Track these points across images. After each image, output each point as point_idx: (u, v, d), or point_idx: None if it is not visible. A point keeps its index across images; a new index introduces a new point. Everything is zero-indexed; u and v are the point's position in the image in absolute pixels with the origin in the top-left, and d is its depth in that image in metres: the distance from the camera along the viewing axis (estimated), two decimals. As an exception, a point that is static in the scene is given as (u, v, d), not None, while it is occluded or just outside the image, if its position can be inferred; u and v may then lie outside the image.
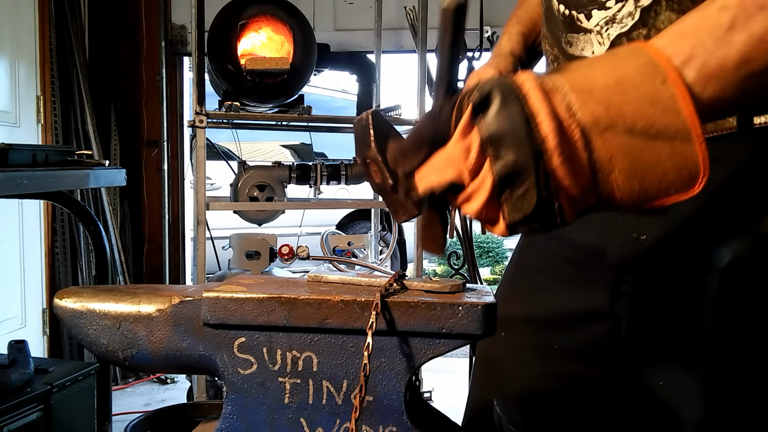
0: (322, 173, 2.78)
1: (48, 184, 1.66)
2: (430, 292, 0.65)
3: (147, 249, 3.88)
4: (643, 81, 0.53)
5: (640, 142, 0.53)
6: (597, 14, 0.77)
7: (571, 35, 0.81)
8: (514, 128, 0.53)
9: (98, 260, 2.17)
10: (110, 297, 0.69)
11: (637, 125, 0.53)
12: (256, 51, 2.55)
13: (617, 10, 0.75)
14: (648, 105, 0.53)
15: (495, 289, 0.86)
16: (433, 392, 3.00)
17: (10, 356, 1.96)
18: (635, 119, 0.53)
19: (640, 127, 0.53)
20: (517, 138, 0.53)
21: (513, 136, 0.53)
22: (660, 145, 0.53)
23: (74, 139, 3.37)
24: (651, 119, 0.53)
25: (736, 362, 0.74)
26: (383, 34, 3.36)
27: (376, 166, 0.65)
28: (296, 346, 0.64)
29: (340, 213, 5.48)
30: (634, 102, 0.53)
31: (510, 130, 0.53)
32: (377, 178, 0.65)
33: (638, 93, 0.53)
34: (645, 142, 0.53)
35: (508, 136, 0.53)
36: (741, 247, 0.72)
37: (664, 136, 0.53)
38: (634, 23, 0.74)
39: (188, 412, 0.85)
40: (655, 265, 0.79)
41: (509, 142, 0.53)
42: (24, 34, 3.12)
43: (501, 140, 0.53)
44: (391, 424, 0.63)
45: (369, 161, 0.65)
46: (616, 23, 0.76)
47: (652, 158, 0.53)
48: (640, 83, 0.53)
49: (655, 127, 0.53)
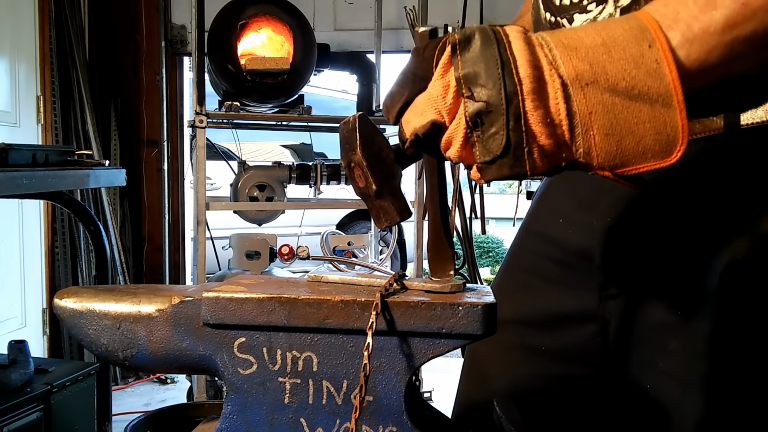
0: (322, 173, 2.78)
1: (48, 184, 1.66)
2: (430, 292, 0.65)
3: (147, 249, 3.88)
4: (629, 43, 0.54)
5: (622, 101, 0.53)
6: (579, 18, 0.77)
7: None
8: (489, 67, 0.53)
9: (98, 260, 2.17)
10: (110, 297, 0.69)
11: (620, 84, 0.53)
12: (256, 51, 2.55)
13: (598, 13, 0.75)
14: (632, 66, 0.53)
15: (488, 290, 0.86)
16: (433, 392, 3.00)
17: (10, 356, 1.96)
18: (618, 78, 0.53)
19: (623, 87, 0.53)
20: (492, 77, 0.53)
21: (488, 75, 0.53)
22: (641, 107, 0.53)
23: (74, 139, 3.37)
24: (634, 80, 0.53)
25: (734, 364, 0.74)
26: (383, 34, 3.36)
27: (360, 170, 0.65)
28: (296, 346, 0.64)
29: (340, 213, 5.48)
30: (619, 62, 0.53)
31: (485, 69, 0.53)
32: (361, 183, 0.65)
33: (624, 54, 0.53)
34: (626, 101, 0.53)
35: (482, 75, 0.53)
36: (734, 248, 0.72)
37: (645, 98, 0.53)
38: None
39: (188, 412, 0.85)
40: (644, 267, 0.80)
41: (483, 81, 0.53)
42: (24, 34, 3.12)
43: (476, 78, 0.53)
44: (391, 424, 0.63)
45: (353, 165, 0.65)
46: None
47: (631, 119, 0.53)
48: (627, 45, 0.54)
49: (637, 88, 0.53)
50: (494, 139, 0.54)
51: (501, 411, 0.79)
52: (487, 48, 0.54)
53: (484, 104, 0.53)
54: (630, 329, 0.81)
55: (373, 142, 0.65)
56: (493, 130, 0.53)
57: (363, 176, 0.64)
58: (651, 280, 0.79)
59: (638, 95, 0.53)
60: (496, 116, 0.53)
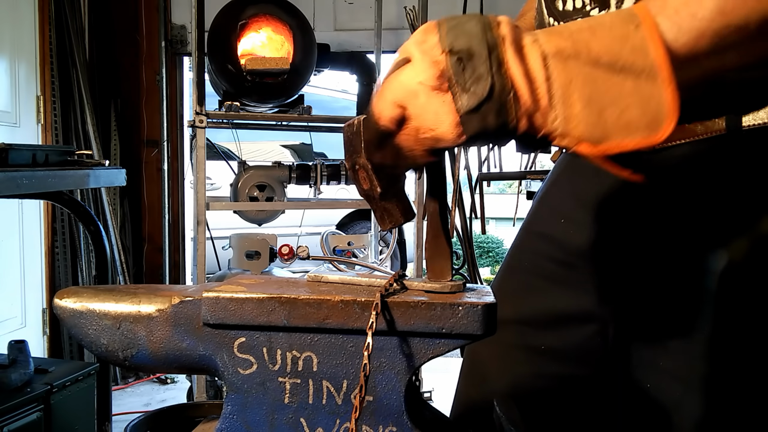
0: (322, 173, 2.78)
1: (48, 184, 1.66)
2: (430, 292, 0.65)
3: (147, 249, 3.88)
4: (616, 24, 0.54)
5: (604, 73, 0.53)
6: None
7: None
8: (471, 26, 0.54)
9: (98, 260, 2.17)
10: (110, 297, 0.69)
11: (603, 58, 0.53)
12: (256, 51, 2.55)
13: None
14: (617, 43, 0.53)
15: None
16: (433, 392, 3.00)
17: (10, 356, 1.96)
18: (601, 53, 0.53)
19: (606, 60, 0.53)
20: (473, 30, 0.54)
21: (469, 29, 0.54)
22: (624, 79, 0.52)
23: (74, 139, 3.37)
24: (617, 55, 0.53)
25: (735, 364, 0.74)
26: (383, 34, 3.36)
27: (365, 173, 0.65)
28: (296, 346, 0.64)
29: (340, 213, 5.48)
30: (603, 39, 0.53)
31: (467, 26, 0.54)
32: (365, 185, 0.66)
33: (610, 33, 0.53)
34: (609, 74, 0.53)
35: (464, 30, 0.54)
36: (734, 248, 0.72)
37: (629, 71, 0.52)
38: None
39: (188, 412, 0.85)
40: (644, 268, 0.80)
41: (465, 34, 0.54)
42: (24, 34, 3.12)
43: (457, 33, 0.54)
44: (391, 424, 0.63)
45: (358, 167, 0.65)
46: None
47: (614, 90, 0.53)
48: (613, 26, 0.54)
49: (620, 62, 0.52)
50: (479, 82, 0.53)
51: (501, 411, 0.79)
52: (471, 18, 0.55)
53: (465, 51, 0.53)
54: (630, 329, 0.82)
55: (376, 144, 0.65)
56: (478, 73, 0.53)
57: (368, 179, 0.65)
58: (651, 280, 0.79)
59: (622, 69, 0.53)
60: (479, 61, 0.53)
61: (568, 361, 0.89)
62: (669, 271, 0.77)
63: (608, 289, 0.83)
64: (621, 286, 0.82)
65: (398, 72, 0.58)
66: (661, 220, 0.78)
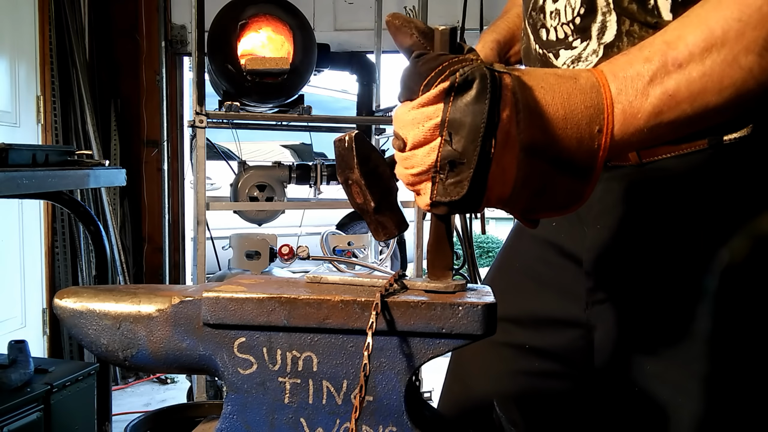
0: (322, 173, 2.78)
1: (48, 184, 1.67)
2: (430, 292, 0.65)
3: (147, 249, 3.88)
4: (584, 123, 0.59)
5: (555, 171, 0.60)
6: (564, 54, 0.80)
7: None
8: (475, 123, 0.56)
9: (98, 260, 2.17)
10: (110, 297, 0.69)
11: (561, 157, 0.59)
12: (256, 51, 2.55)
13: (582, 49, 0.78)
14: (577, 144, 0.59)
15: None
16: (433, 392, 3.01)
17: (10, 356, 1.96)
18: (562, 151, 0.59)
19: (563, 160, 0.60)
20: (473, 133, 0.56)
21: (470, 129, 0.56)
22: (566, 179, 0.60)
23: (74, 139, 3.37)
24: (573, 157, 0.60)
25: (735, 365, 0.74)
26: (383, 34, 3.36)
27: (358, 188, 0.66)
28: (296, 346, 0.64)
29: (340, 213, 5.48)
30: (570, 137, 0.59)
31: (471, 123, 0.56)
32: (359, 200, 0.67)
33: (577, 130, 0.59)
34: (559, 172, 0.60)
35: (466, 128, 0.56)
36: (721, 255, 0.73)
37: (573, 171, 0.60)
38: (599, 60, 0.76)
39: (188, 412, 0.85)
40: (632, 273, 0.81)
41: (465, 134, 0.56)
42: (24, 34, 3.12)
43: (460, 128, 0.56)
44: (391, 424, 0.63)
45: (351, 182, 0.67)
46: (581, 62, 0.78)
47: (557, 186, 0.61)
48: (581, 124, 0.59)
49: (572, 164, 0.60)
50: (457, 186, 0.57)
51: (501, 411, 0.79)
52: (479, 102, 0.56)
53: (459, 154, 0.56)
54: (616, 334, 0.82)
55: (369, 160, 0.66)
56: (459, 179, 0.57)
57: (361, 193, 0.66)
58: (639, 286, 0.80)
59: (569, 168, 0.60)
60: (466, 169, 0.57)
61: (551, 360, 0.90)
62: (657, 276, 0.78)
63: (596, 294, 0.84)
64: (608, 291, 0.83)
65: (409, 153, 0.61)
66: (649, 227, 0.79)
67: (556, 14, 0.80)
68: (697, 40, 0.57)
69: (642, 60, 0.59)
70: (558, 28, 0.80)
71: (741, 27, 0.56)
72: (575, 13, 0.77)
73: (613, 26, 0.74)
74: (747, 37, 0.56)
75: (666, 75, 0.58)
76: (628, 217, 0.80)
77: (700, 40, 0.57)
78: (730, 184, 0.74)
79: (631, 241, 0.80)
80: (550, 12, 0.81)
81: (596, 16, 0.75)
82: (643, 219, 0.79)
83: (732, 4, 0.57)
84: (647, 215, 0.79)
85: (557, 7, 0.80)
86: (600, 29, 0.75)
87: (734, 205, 0.74)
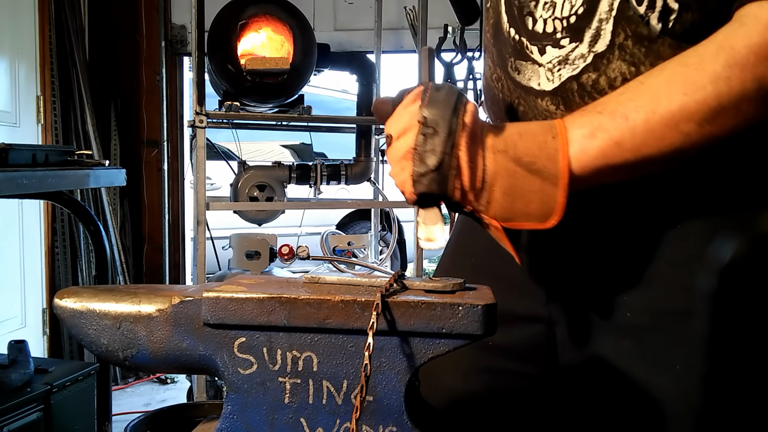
0: (322, 173, 2.78)
1: (48, 184, 1.66)
2: (430, 292, 0.65)
3: (147, 249, 3.88)
4: (539, 133, 0.69)
5: (522, 171, 0.68)
6: (551, 51, 0.78)
7: (519, 62, 0.82)
8: (446, 107, 0.68)
9: (98, 260, 2.17)
10: (110, 297, 0.69)
11: (524, 159, 0.67)
12: (256, 51, 2.55)
13: (570, 50, 0.76)
14: (537, 149, 0.68)
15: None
16: (433, 392, 2.99)
17: (10, 356, 1.96)
18: (523, 154, 0.68)
19: (525, 161, 0.67)
20: (445, 110, 0.67)
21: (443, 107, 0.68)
22: (534, 179, 0.68)
23: (74, 139, 3.37)
24: (535, 158, 0.68)
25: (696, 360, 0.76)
26: (383, 34, 3.36)
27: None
28: (296, 346, 0.64)
29: (340, 213, 5.48)
30: (528, 142, 0.68)
31: (443, 104, 0.68)
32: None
33: (533, 139, 0.68)
34: (525, 172, 0.68)
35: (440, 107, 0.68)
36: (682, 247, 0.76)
37: (540, 174, 0.67)
38: (585, 66, 0.76)
39: (188, 412, 0.85)
40: (591, 268, 0.82)
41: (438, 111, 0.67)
42: (24, 34, 3.12)
43: (434, 109, 0.68)
44: (391, 424, 0.63)
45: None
46: (568, 64, 0.77)
47: (526, 186, 0.68)
48: (537, 133, 0.69)
49: (536, 165, 0.67)
50: (431, 154, 0.67)
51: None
52: (450, 93, 0.69)
53: (432, 129, 0.67)
54: (577, 330, 0.83)
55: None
56: (432, 147, 0.67)
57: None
58: (600, 279, 0.81)
59: (535, 171, 0.67)
60: (438, 136, 0.67)
61: (514, 357, 0.90)
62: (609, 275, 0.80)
63: (556, 291, 0.85)
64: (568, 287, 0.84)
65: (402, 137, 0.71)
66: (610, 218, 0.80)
67: (551, 6, 0.77)
68: (645, 102, 0.66)
69: (594, 112, 0.68)
70: (549, 21, 0.78)
71: (685, 100, 0.65)
72: (573, 10, 0.76)
73: (607, 36, 0.73)
74: (689, 108, 0.65)
75: (613, 125, 0.67)
76: (586, 210, 0.80)
77: (647, 103, 0.66)
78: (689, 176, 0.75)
79: (591, 233, 0.81)
80: (545, 2, 0.78)
81: (593, 21, 0.74)
82: (601, 212, 0.80)
83: (680, 80, 0.66)
84: (605, 209, 0.80)
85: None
86: (594, 36, 0.74)
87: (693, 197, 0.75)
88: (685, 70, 0.66)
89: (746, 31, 0.64)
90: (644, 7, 0.70)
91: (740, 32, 0.64)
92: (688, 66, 0.66)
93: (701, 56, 0.66)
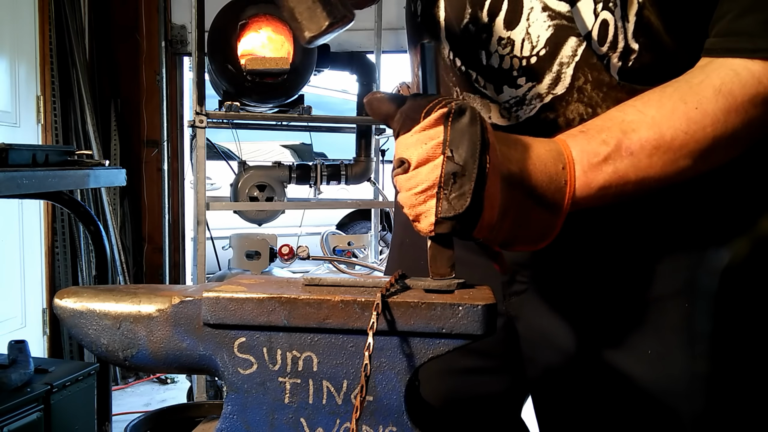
0: (322, 173, 2.78)
1: (48, 184, 1.66)
2: (430, 292, 0.65)
3: (147, 249, 3.88)
4: (549, 162, 0.68)
5: (531, 203, 0.67)
6: (508, 91, 0.79)
7: (467, 94, 0.83)
8: (473, 142, 0.63)
9: (98, 260, 2.17)
10: (110, 297, 0.69)
11: (535, 192, 0.67)
12: (256, 51, 2.55)
13: (527, 90, 0.77)
14: (548, 181, 0.68)
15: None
16: (433, 392, 2.99)
17: (10, 356, 1.96)
18: (535, 186, 0.67)
19: (536, 194, 0.67)
20: (475, 149, 0.62)
21: (470, 146, 0.62)
22: (542, 211, 0.68)
23: (74, 139, 3.37)
24: (545, 192, 0.68)
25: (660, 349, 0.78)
26: (383, 34, 3.36)
27: None
28: (296, 346, 0.64)
29: (340, 213, 5.48)
30: (539, 174, 0.68)
31: (469, 141, 0.63)
32: None
33: (545, 169, 0.68)
34: (534, 204, 0.68)
35: (466, 144, 0.62)
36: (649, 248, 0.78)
37: (547, 205, 0.68)
38: (543, 105, 0.77)
39: (188, 412, 0.85)
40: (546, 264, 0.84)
41: (465, 150, 0.62)
42: (24, 34, 3.12)
43: (460, 145, 0.63)
44: (391, 424, 0.63)
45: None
46: (525, 105, 0.78)
47: (533, 216, 0.68)
48: (548, 162, 0.68)
49: (545, 199, 0.68)
50: (461, 199, 0.63)
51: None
52: (473, 125, 0.63)
53: (461, 168, 0.62)
54: (534, 324, 0.86)
55: None
56: (462, 191, 0.63)
57: None
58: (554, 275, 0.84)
59: (544, 203, 0.68)
60: (467, 181, 0.62)
61: (477, 355, 0.92)
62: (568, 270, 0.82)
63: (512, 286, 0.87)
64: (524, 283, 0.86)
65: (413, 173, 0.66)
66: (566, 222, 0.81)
67: (508, 43, 0.77)
68: (650, 137, 0.68)
69: (599, 142, 0.69)
70: (507, 58, 0.77)
71: (686, 139, 0.68)
72: (534, 51, 0.75)
73: (567, 79, 0.75)
74: (689, 147, 0.68)
75: (619, 159, 0.68)
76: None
77: (652, 139, 0.68)
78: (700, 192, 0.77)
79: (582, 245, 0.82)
80: (500, 38, 0.77)
81: (554, 65, 0.75)
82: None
83: (683, 118, 0.68)
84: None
85: (512, 36, 0.76)
86: (554, 79, 0.75)
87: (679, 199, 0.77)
88: (685, 108, 0.68)
89: (743, 82, 0.68)
90: (606, 47, 0.73)
91: (737, 81, 0.68)
92: (687, 104, 0.68)
93: (698, 95, 0.68)
